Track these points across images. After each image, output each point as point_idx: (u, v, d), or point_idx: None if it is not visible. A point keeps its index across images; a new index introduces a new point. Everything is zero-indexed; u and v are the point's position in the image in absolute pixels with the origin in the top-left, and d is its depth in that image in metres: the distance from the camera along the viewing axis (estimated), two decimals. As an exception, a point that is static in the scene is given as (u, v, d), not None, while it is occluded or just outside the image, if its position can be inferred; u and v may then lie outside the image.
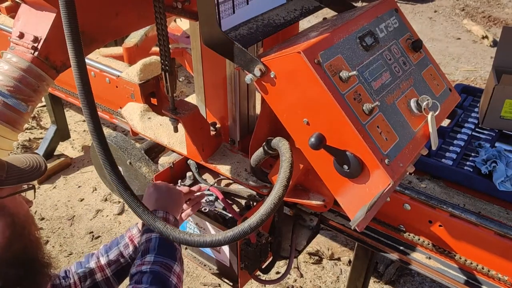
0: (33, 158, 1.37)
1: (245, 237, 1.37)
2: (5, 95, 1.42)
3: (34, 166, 1.34)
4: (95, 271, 1.61)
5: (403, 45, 1.49)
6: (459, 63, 5.68)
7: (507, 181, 1.83)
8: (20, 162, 1.31)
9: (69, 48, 1.20)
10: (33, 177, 1.32)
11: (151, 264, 1.45)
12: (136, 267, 1.45)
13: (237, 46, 1.29)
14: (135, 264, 1.47)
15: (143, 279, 1.39)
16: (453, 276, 1.84)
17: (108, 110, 2.88)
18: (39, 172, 1.34)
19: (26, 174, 1.30)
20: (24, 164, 1.31)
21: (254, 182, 1.74)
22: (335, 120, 1.21)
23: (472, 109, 2.44)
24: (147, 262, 1.45)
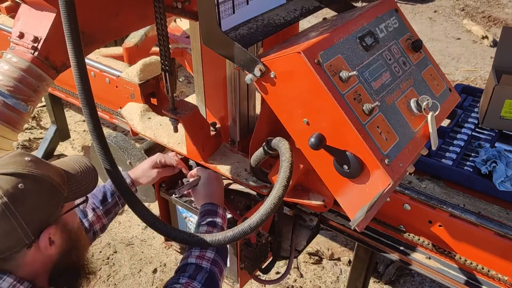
0: (83, 164, 1.36)
1: (245, 237, 1.37)
2: (5, 95, 1.42)
3: (87, 175, 1.34)
4: (94, 223, 1.67)
5: (403, 45, 1.49)
6: (459, 63, 5.68)
7: (507, 181, 1.84)
8: (74, 169, 1.31)
9: (69, 48, 1.20)
10: (89, 189, 1.33)
11: (210, 262, 1.46)
12: (194, 257, 1.46)
13: (237, 46, 1.29)
14: (192, 253, 1.47)
15: (198, 276, 1.41)
16: (453, 276, 1.84)
17: (108, 110, 2.88)
18: (93, 182, 1.35)
19: (83, 186, 1.31)
20: (77, 172, 1.31)
21: (254, 182, 1.74)
22: (335, 120, 1.21)
23: (472, 109, 2.44)
24: (207, 258, 1.46)
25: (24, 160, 1.19)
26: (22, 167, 1.16)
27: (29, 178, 1.15)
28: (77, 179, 1.30)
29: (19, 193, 1.12)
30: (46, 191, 1.18)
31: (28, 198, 1.13)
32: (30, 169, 1.17)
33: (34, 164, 1.20)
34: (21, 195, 1.12)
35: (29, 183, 1.15)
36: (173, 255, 3.20)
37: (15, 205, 1.10)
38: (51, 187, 1.20)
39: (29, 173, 1.16)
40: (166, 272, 3.09)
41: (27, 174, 1.16)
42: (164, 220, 2.00)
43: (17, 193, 1.12)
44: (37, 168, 1.19)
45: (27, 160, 1.19)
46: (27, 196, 1.13)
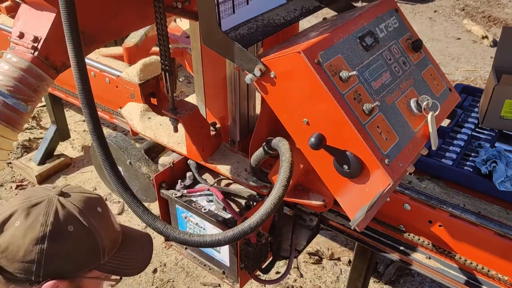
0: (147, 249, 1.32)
1: (245, 237, 1.37)
2: (5, 95, 1.42)
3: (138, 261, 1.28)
4: None
5: (403, 45, 1.49)
6: (459, 63, 5.68)
7: (507, 181, 1.83)
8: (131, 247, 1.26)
9: (69, 48, 1.20)
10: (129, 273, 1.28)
11: None
12: None
13: (237, 46, 1.29)
14: None
15: None
16: (453, 276, 1.84)
17: (108, 110, 2.88)
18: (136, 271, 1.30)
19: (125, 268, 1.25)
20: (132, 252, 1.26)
21: (254, 182, 1.74)
22: (335, 120, 1.21)
23: (472, 109, 2.44)
24: None
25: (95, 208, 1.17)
26: (87, 212, 1.14)
27: (83, 227, 1.13)
28: (125, 258, 1.25)
29: (63, 232, 1.10)
30: (86, 248, 1.14)
31: (66, 242, 1.10)
32: (90, 220, 1.14)
33: (99, 217, 1.17)
34: (63, 235, 1.10)
35: (79, 231, 1.12)
36: (173, 255, 3.20)
37: (50, 240, 1.08)
38: (94, 247, 1.16)
39: (86, 223, 1.13)
40: (166, 272, 3.09)
41: (83, 223, 1.13)
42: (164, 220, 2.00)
43: (62, 231, 1.10)
44: (98, 223, 1.16)
45: (97, 210, 1.17)
46: (67, 240, 1.10)
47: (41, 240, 1.07)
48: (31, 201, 1.12)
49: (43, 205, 1.11)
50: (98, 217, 1.18)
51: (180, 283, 3.02)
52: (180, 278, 3.05)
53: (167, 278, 3.04)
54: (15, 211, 1.10)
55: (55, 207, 1.11)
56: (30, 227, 1.08)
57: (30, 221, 1.08)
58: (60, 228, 1.10)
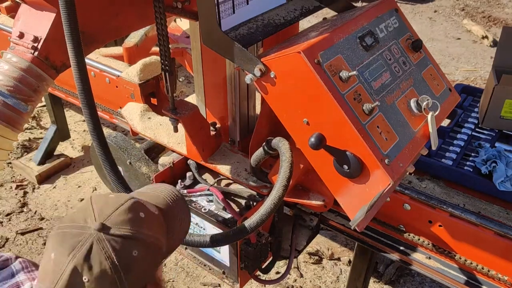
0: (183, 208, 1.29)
1: (245, 237, 1.37)
2: (5, 95, 1.42)
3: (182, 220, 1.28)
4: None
5: (403, 45, 1.49)
6: (459, 63, 5.67)
7: (507, 181, 1.83)
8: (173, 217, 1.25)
9: (69, 48, 1.20)
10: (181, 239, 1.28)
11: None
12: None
13: (237, 46, 1.29)
14: None
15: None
16: (453, 276, 1.84)
17: (108, 110, 2.88)
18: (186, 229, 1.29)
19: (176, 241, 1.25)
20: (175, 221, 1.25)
21: (254, 182, 1.74)
22: (335, 120, 1.21)
23: (472, 109, 2.44)
24: None
25: (138, 217, 1.12)
26: (137, 227, 1.10)
27: (142, 243, 1.09)
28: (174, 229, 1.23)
29: (132, 261, 1.07)
30: (154, 255, 1.13)
31: (138, 265, 1.08)
32: (143, 231, 1.10)
33: (147, 223, 1.13)
34: (133, 263, 1.07)
35: (142, 249, 1.09)
36: (173, 255, 3.20)
37: (125, 273, 1.05)
38: (158, 250, 1.15)
39: (144, 238, 1.10)
40: (166, 272, 3.09)
41: (141, 239, 1.09)
42: (164, 220, 2.00)
43: (130, 261, 1.07)
44: (150, 229, 1.13)
45: (141, 217, 1.13)
46: (137, 263, 1.08)
47: (119, 280, 1.04)
48: (80, 250, 1.04)
49: (97, 248, 1.04)
50: (146, 223, 1.14)
51: (180, 283, 3.02)
52: (180, 278, 3.05)
53: (167, 278, 3.04)
54: (73, 269, 1.03)
55: (109, 243, 1.05)
56: (101, 276, 1.03)
57: (97, 271, 1.03)
58: (128, 259, 1.06)
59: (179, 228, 1.26)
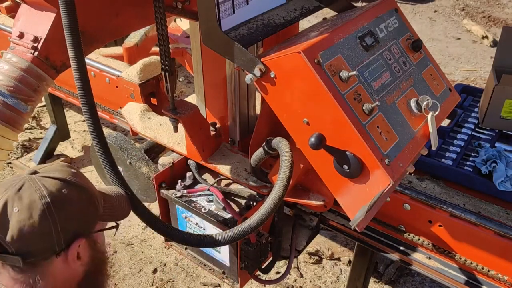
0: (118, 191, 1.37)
1: (245, 237, 1.37)
2: (5, 95, 1.42)
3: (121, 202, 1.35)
4: None
5: (403, 45, 1.49)
6: (459, 63, 5.67)
7: (507, 181, 1.83)
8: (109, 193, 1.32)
9: (69, 48, 1.20)
10: (122, 215, 1.34)
11: None
12: None
13: (237, 46, 1.29)
14: None
15: None
16: (453, 276, 1.84)
17: (108, 110, 2.88)
18: (126, 210, 1.36)
19: (116, 212, 1.32)
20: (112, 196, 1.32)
21: (254, 182, 1.74)
22: (335, 120, 1.21)
23: (472, 109, 2.44)
24: None
25: (69, 170, 1.20)
26: (68, 175, 1.17)
27: (74, 185, 1.16)
28: (112, 203, 1.30)
29: (62, 197, 1.12)
30: (87, 202, 1.18)
31: (69, 204, 1.13)
32: (75, 178, 1.18)
33: (78, 175, 1.20)
34: (64, 200, 1.12)
35: (73, 190, 1.15)
36: (173, 255, 3.20)
37: (56, 208, 1.10)
38: (92, 199, 1.20)
39: (74, 181, 1.16)
40: (166, 272, 3.09)
41: (72, 182, 1.16)
42: (164, 220, 2.00)
43: (61, 197, 1.12)
44: (80, 179, 1.19)
45: (72, 170, 1.20)
46: (69, 202, 1.13)
47: (48, 211, 1.09)
48: (13, 187, 1.12)
49: (28, 185, 1.12)
50: (78, 175, 1.21)
51: (180, 283, 3.02)
52: (180, 278, 3.05)
53: (167, 278, 3.04)
54: (6, 202, 1.10)
55: (39, 182, 1.12)
56: (30, 206, 1.09)
57: (27, 201, 1.09)
58: (57, 194, 1.12)
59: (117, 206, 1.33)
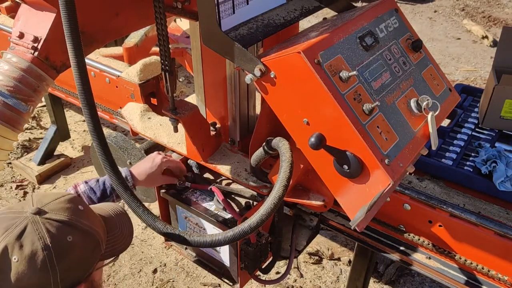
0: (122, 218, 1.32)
1: (245, 237, 1.37)
2: (5, 95, 1.42)
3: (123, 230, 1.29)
4: None
5: (403, 45, 1.49)
6: (459, 63, 5.68)
7: (507, 181, 1.83)
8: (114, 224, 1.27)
9: (69, 48, 1.20)
10: (122, 249, 1.28)
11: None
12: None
13: (237, 46, 1.29)
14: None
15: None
16: (453, 276, 1.84)
17: (108, 110, 2.88)
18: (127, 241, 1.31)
19: (118, 245, 1.26)
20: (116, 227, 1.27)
21: (254, 182, 1.74)
22: (335, 120, 1.21)
23: (472, 109, 2.44)
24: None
25: (77, 208, 1.14)
26: (75, 216, 1.11)
27: (79, 230, 1.10)
28: (115, 235, 1.25)
29: (66, 245, 1.06)
30: (90, 247, 1.13)
31: (72, 253, 1.08)
32: (80, 221, 1.11)
33: (85, 215, 1.14)
34: (67, 248, 1.07)
35: (78, 236, 1.09)
36: (173, 255, 3.20)
37: (58, 259, 1.04)
38: (96, 244, 1.15)
39: (80, 226, 1.10)
40: (166, 272, 3.09)
41: (78, 226, 1.10)
42: (164, 220, 2.00)
43: (64, 245, 1.06)
44: (87, 220, 1.14)
45: (80, 209, 1.14)
46: (72, 250, 1.08)
47: (50, 263, 1.04)
48: (14, 230, 1.04)
49: (30, 229, 1.05)
50: (84, 215, 1.15)
51: (180, 283, 3.02)
52: (180, 278, 3.05)
53: (167, 278, 3.04)
54: (4, 248, 1.02)
55: (43, 226, 1.06)
56: (32, 256, 1.03)
57: (28, 251, 1.03)
58: (61, 243, 1.06)
59: (119, 234, 1.27)
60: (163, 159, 1.78)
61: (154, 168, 1.75)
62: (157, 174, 1.76)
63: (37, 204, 1.11)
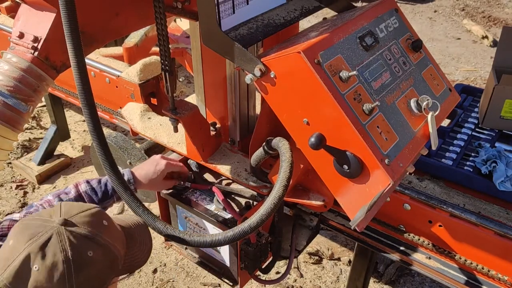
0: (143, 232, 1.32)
1: (245, 237, 1.37)
2: (5, 95, 1.42)
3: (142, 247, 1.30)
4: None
5: (403, 45, 1.49)
6: (459, 63, 5.68)
7: (507, 181, 1.83)
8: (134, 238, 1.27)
9: (69, 48, 1.20)
10: (139, 265, 1.29)
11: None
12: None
13: (237, 46, 1.29)
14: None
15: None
16: (453, 276, 1.84)
17: (108, 110, 2.88)
18: (145, 257, 1.31)
19: (136, 262, 1.26)
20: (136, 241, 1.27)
21: (254, 182, 1.74)
22: (335, 120, 1.21)
23: (472, 109, 2.44)
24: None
25: (101, 223, 1.15)
26: (99, 231, 1.12)
27: (101, 246, 1.11)
28: (134, 252, 1.25)
29: (86, 260, 1.08)
30: (109, 264, 1.14)
31: (91, 267, 1.09)
32: (103, 237, 1.12)
33: (108, 231, 1.16)
34: (87, 263, 1.08)
35: (99, 251, 1.10)
36: (173, 255, 3.20)
37: (76, 272, 1.06)
38: (114, 260, 1.16)
39: (102, 242, 1.11)
40: (166, 272, 3.09)
41: (100, 242, 1.11)
42: (164, 220, 2.00)
43: (85, 260, 1.07)
44: (109, 236, 1.15)
45: (104, 224, 1.15)
46: (91, 265, 1.09)
47: (68, 276, 1.05)
48: (39, 239, 1.06)
49: (55, 240, 1.06)
50: (107, 230, 1.16)
51: (180, 283, 3.02)
52: (180, 278, 3.05)
53: (167, 278, 3.04)
54: (27, 256, 1.04)
55: (67, 238, 1.07)
56: (52, 267, 1.04)
57: (50, 262, 1.04)
58: (82, 257, 1.07)
59: (138, 250, 1.28)
60: (166, 164, 1.74)
61: (157, 173, 1.72)
62: (159, 179, 1.73)
63: (65, 215, 1.13)
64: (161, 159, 1.77)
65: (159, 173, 1.72)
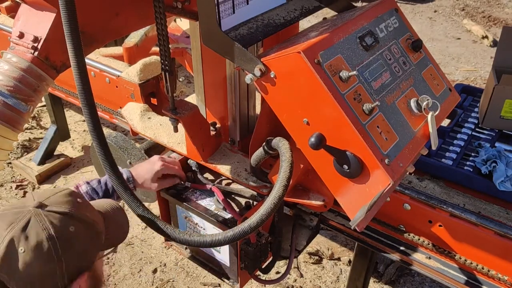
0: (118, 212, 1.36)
1: (245, 237, 1.37)
2: (5, 95, 1.42)
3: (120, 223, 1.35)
4: None
5: (403, 45, 1.49)
6: (459, 63, 5.68)
7: (507, 181, 1.83)
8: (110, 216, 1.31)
9: (69, 48, 1.20)
10: (121, 239, 1.35)
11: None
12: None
13: (237, 46, 1.29)
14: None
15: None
16: (453, 276, 1.84)
17: (108, 110, 2.88)
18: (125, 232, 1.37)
19: (116, 236, 1.32)
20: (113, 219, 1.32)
21: (254, 182, 1.74)
22: (335, 120, 1.21)
23: (472, 109, 2.44)
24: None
25: (76, 201, 1.18)
26: (75, 208, 1.16)
27: (80, 221, 1.14)
28: (112, 228, 1.30)
29: (69, 235, 1.11)
30: (92, 238, 1.18)
31: (75, 242, 1.12)
32: (81, 212, 1.16)
33: (85, 207, 1.19)
34: (70, 238, 1.11)
35: (79, 226, 1.14)
36: (173, 255, 3.20)
37: (62, 248, 1.09)
38: (97, 233, 1.19)
39: (81, 217, 1.15)
40: (166, 272, 3.09)
41: (79, 217, 1.14)
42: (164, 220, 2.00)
43: (68, 235, 1.11)
44: (87, 212, 1.18)
45: (79, 201, 1.19)
46: (75, 240, 1.12)
47: (55, 252, 1.08)
48: (18, 223, 1.09)
49: (34, 222, 1.09)
50: (83, 206, 1.20)
51: (180, 283, 3.02)
52: (180, 278, 3.05)
53: (167, 278, 3.04)
54: (11, 240, 1.07)
55: (46, 218, 1.10)
56: (37, 246, 1.07)
57: (34, 242, 1.07)
58: (64, 233, 1.10)
59: (116, 228, 1.33)
60: (161, 165, 1.77)
61: (152, 173, 1.75)
62: (153, 180, 1.76)
63: (38, 199, 1.16)
64: (159, 160, 1.79)
65: (153, 174, 1.75)
